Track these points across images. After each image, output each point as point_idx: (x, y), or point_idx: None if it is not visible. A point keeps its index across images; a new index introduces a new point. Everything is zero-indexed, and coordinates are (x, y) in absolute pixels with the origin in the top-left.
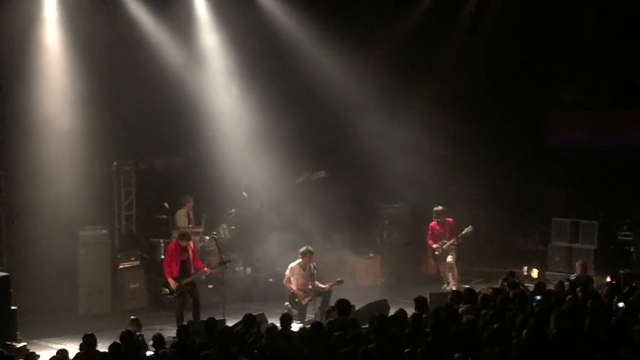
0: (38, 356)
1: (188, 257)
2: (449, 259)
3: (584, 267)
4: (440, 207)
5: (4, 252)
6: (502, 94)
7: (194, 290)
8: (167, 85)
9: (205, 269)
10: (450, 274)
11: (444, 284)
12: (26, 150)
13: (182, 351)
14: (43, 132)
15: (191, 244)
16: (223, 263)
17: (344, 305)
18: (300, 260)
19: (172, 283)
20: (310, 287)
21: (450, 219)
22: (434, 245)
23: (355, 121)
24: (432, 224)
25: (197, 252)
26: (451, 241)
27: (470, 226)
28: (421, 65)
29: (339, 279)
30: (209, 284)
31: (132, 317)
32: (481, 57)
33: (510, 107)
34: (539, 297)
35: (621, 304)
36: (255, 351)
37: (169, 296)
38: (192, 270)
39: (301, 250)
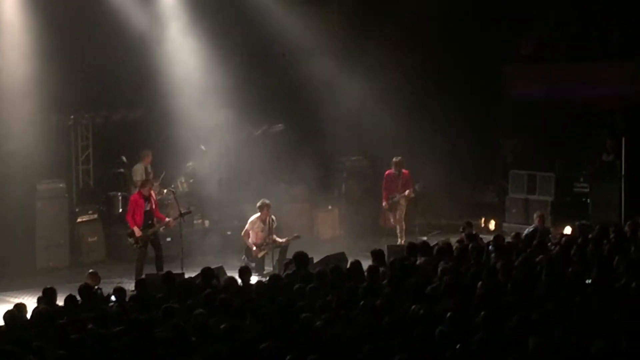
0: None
1: (151, 207)
2: (398, 213)
3: (541, 218)
4: (398, 158)
5: None
6: (458, 48)
7: (156, 241)
8: (126, 39)
9: (167, 219)
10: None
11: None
12: None
13: (142, 304)
14: (1, 83)
15: (153, 194)
16: (183, 214)
17: (301, 258)
18: (259, 213)
19: (137, 232)
20: (267, 241)
21: (406, 171)
22: (383, 203)
23: (313, 74)
24: (387, 172)
25: (157, 204)
26: (401, 195)
27: (420, 182)
28: (377, 17)
29: (296, 235)
30: (167, 237)
31: (90, 270)
32: (435, 10)
33: (467, 60)
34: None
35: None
36: (213, 304)
37: (134, 246)
38: (155, 221)
39: (258, 204)
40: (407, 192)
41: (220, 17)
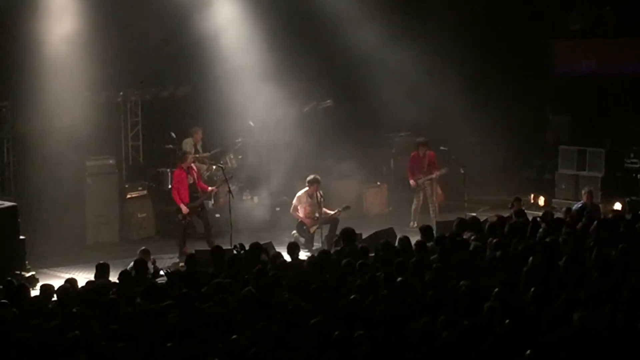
0: (54, 288)
1: (194, 180)
2: (416, 199)
3: (590, 194)
4: (422, 139)
5: (11, 183)
6: (507, 23)
7: (202, 213)
8: (174, 15)
9: (209, 188)
10: (415, 210)
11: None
12: (32, 81)
13: (191, 279)
14: (49, 62)
15: (193, 166)
16: (228, 186)
17: (349, 234)
18: (307, 188)
19: (184, 209)
20: (317, 215)
21: (432, 153)
22: (410, 181)
23: (364, 51)
24: (413, 154)
25: (200, 175)
26: (426, 177)
27: (446, 167)
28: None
29: (345, 205)
30: (216, 213)
31: (143, 247)
32: None
33: (515, 36)
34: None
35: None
36: (263, 280)
37: (182, 222)
38: (200, 193)
39: (308, 178)
40: (435, 174)
41: None
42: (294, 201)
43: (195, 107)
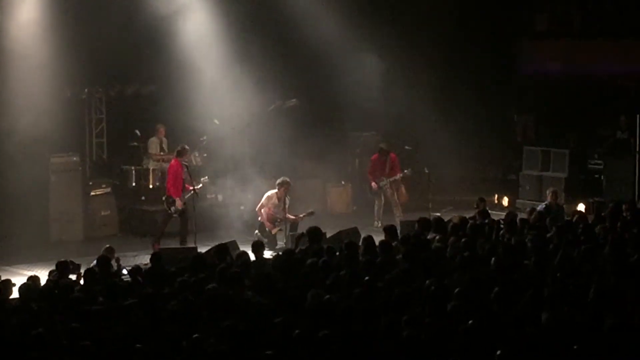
0: (13, 284)
1: (186, 176)
2: (377, 200)
3: (555, 194)
4: (384, 144)
5: None
6: (473, 23)
7: (183, 212)
8: (139, 12)
9: (190, 188)
10: (378, 211)
11: (401, 212)
12: None
13: (156, 278)
14: (13, 59)
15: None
16: (193, 186)
17: (315, 233)
18: (276, 190)
19: (179, 203)
20: (279, 219)
21: (394, 155)
22: (372, 184)
23: (327, 50)
24: (373, 157)
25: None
26: (389, 179)
27: (409, 169)
28: None
29: (310, 210)
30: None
31: (107, 245)
32: None
33: (482, 36)
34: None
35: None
36: (227, 279)
37: (174, 215)
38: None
39: (279, 180)
40: (398, 175)
41: None
42: (263, 200)
43: (160, 105)
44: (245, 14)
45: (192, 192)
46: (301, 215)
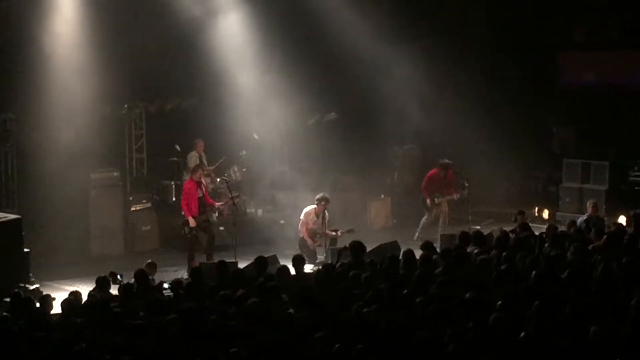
0: (53, 298)
1: (203, 194)
2: (428, 215)
3: (595, 207)
4: (445, 161)
5: (16, 195)
6: (512, 35)
7: (208, 229)
8: (179, 27)
9: (217, 204)
10: (424, 224)
11: (438, 226)
12: (37, 93)
13: (195, 293)
14: (54, 75)
15: (203, 180)
16: (232, 199)
17: (357, 247)
18: (315, 206)
19: (192, 222)
20: (319, 235)
21: (451, 173)
22: (427, 200)
23: (366, 63)
24: (431, 172)
25: (207, 190)
26: (446, 197)
27: (466, 190)
28: (430, 5)
29: (349, 228)
30: (221, 226)
31: (149, 260)
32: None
33: (520, 48)
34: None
35: None
36: (267, 293)
37: (188, 235)
38: (208, 207)
39: (317, 196)
40: (455, 195)
41: (274, 9)
42: (302, 216)
43: (200, 120)
44: (284, 28)
45: (216, 208)
46: (340, 232)
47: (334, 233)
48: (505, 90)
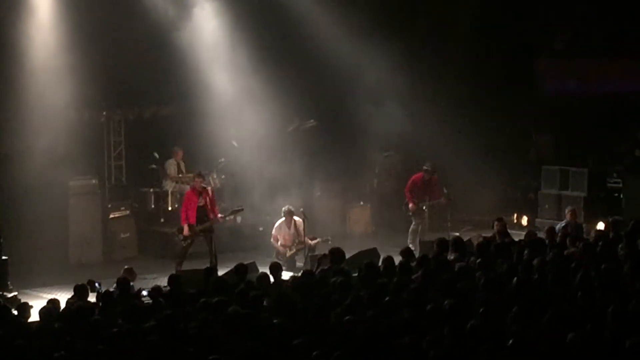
0: (31, 306)
1: (205, 203)
2: (415, 221)
3: (573, 213)
4: (430, 164)
5: None
6: (491, 41)
7: (209, 238)
8: (158, 36)
9: (219, 215)
10: (414, 230)
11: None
12: (14, 101)
13: (176, 300)
14: (31, 82)
15: (209, 190)
16: (236, 211)
17: (338, 254)
18: (284, 219)
19: (186, 230)
20: (295, 241)
21: (435, 177)
22: (410, 204)
23: (345, 71)
24: (415, 176)
25: (215, 201)
26: (431, 202)
27: (449, 194)
28: (408, 10)
29: (326, 238)
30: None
31: (126, 266)
32: (468, 3)
33: (499, 54)
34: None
35: None
36: (247, 300)
37: (182, 242)
38: (210, 217)
39: (283, 209)
40: (442, 200)
41: (249, 14)
42: (273, 231)
43: (178, 127)
44: (263, 35)
45: (218, 219)
46: (316, 241)
47: (310, 241)
48: (485, 97)
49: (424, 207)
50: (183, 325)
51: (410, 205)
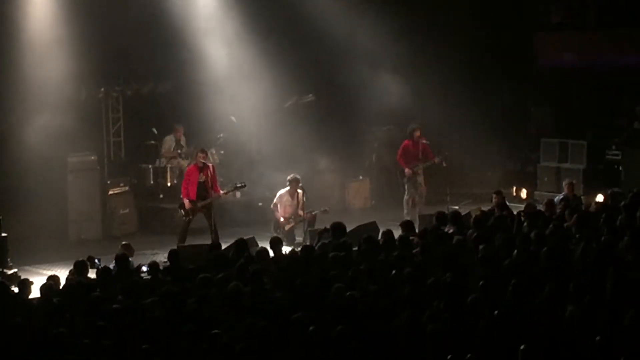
0: (31, 282)
1: (206, 179)
2: (409, 190)
3: (571, 186)
4: (415, 124)
5: None
6: (488, 16)
7: (209, 214)
8: (155, 12)
9: (220, 192)
10: (408, 200)
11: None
12: (12, 78)
13: (176, 275)
14: (29, 59)
15: (210, 166)
16: (238, 188)
17: (338, 228)
18: (288, 187)
19: (187, 204)
20: (294, 214)
21: (425, 141)
22: (405, 169)
23: (345, 45)
24: (405, 142)
25: (216, 177)
26: (424, 163)
27: (441, 155)
28: None
29: (324, 208)
30: None
31: (124, 242)
32: None
33: (497, 28)
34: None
35: None
36: (247, 275)
37: (183, 218)
38: (211, 193)
39: (288, 177)
40: (435, 159)
41: None
42: (275, 199)
43: (177, 103)
44: (261, 10)
45: (219, 195)
46: (314, 212)
47: (308, 214)
48: (483, 70)
49: (415, 170)
50: (183, 301)
51: (406, 170)
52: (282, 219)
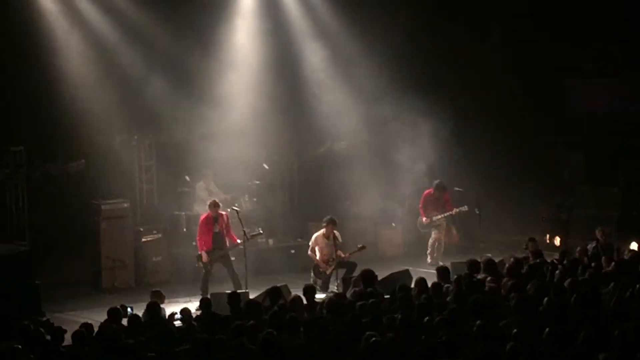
0: (65, 330)
1: (221, 229)
2: (434, 234)
3: (603, 233)
4: (439, 181)
5: (26, 227)
6: (521, 62)
7: (226, 261)
8: (190, 62)
9: (238, 240)
10: (432, 245)
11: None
12: (47, 125)
13: (207, 323)
14: (63, 106)
15: (224, 215)
16: (253, 236)
17: (369, 275)
18: (323, 230)
19: (204, 257)
20: (333, 257)
21: (447, 194)
22: (423, 218)
23: (379, 93)
24: (427, 192)
25: (230, 225)
26: (443, 215)
27: (465, 206)
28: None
29: (360, 245)
30: (232, 257)
31: (154, 289)
32: (497, 28)
33: (529, 74)
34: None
35: None
36: (281, 323)
37: (202, 269)
38: (227, 243)
39: (324, 219)
40: (453, 211)
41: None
42: (311, 242)
43: (210, 150)
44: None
45: (236, 245)
46: (351, 252)
47: (345, 255)
48: (516, 116)
49: (434, 219)
50: (216, 349)
51: (424, 219)
52: (322, 263)
